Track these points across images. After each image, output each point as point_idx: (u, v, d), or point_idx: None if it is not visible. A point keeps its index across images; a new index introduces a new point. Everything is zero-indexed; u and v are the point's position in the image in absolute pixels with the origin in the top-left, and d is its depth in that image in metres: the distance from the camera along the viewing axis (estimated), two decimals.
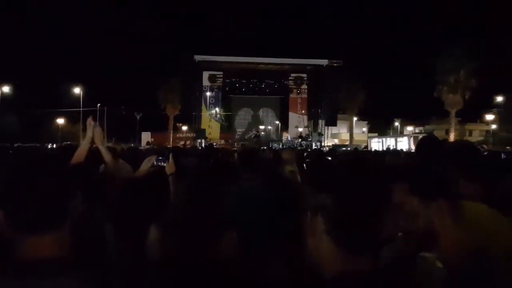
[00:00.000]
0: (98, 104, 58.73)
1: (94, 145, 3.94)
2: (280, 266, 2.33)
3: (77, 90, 56.30)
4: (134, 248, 2.55)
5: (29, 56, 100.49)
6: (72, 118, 59.46)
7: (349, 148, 30.36)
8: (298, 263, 2.16)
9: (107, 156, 3.77)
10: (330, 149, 16.65)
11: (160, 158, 3.65)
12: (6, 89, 51.27)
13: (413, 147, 37.25)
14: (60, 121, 56.51)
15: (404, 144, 40.50)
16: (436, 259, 1.65)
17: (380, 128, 63.49)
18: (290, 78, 48.37)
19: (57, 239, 1.21)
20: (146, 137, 49.18)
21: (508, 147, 27.11)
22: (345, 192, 1.22)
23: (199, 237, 2.33)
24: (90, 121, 3.83)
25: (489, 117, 54.45)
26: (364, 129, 62.45)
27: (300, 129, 48.08)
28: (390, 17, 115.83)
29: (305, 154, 11.17)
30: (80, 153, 3.69)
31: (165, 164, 3.51)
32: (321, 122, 48.04)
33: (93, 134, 3.81)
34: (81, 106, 56.42)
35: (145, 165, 3.57)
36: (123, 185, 2.88)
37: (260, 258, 2.43)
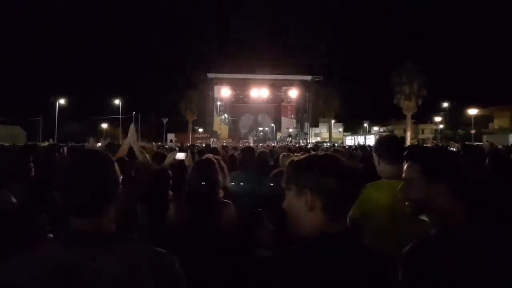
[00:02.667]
0: (133, 112, 58.64)
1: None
2: (271, 228, 2.34)
3: (117, 101, 56.29)
4: (157, 220, 2.58)
5: (81, 76, 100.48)
6: (113, 123, 59.47)
7: (329, 144, 30.19)
8: (285, 226, 2.18)
9: (139, 154, 3.75)
10: (315, 145, 16.58)
11: (180, 153, 3.64)
12: (62, 101, 51.31)
13: None
14: (104, 125, 56.44)
15: (371, 140, 40.49)
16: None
17: (353, 128, 63.34)
18: (281, 90, 48.31)
19: (98, 220, 1.19)
20: (170, 137, 49.16)
21: (452, 142, 27.04)
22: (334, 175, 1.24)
23: (205, 211, 2.38)
24: (132, 128, 3.82)
25: (437, 119, 54.35)
26: (340, 129, 62.13)
27: (290, 130, 48.04)
28: (358, 41, 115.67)
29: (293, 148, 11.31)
30: (123, 150, 3.70)
31: (184, 158, 3.51)
32: (306, 124, 47.98)
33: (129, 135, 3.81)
34: (120, 114, 56.40)
35: (169, 158, 3.58)
36: (152, 174, 2.91)
37: (255, 223, 2.45)
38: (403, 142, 2.51)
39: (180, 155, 3.54)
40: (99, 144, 8.83)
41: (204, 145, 9.43)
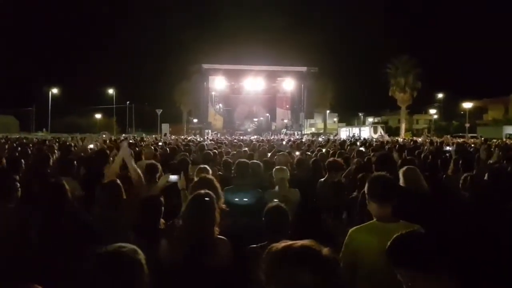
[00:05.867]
0: (127, 102, 58.32)
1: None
2: None
3: (111, 91, 55.88)
4: (149, 253, 2.49)
5: (75, 65, 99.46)
6: (107, 113, 59.14)
7: (324, 137, 30.07)
8: None
9: (135, 174, 3.60)
10: (310, 141, 16.34)
11: (173, 176, 3.49)
12: (55, 90, 50.84)
13: (373, 135, 37.27)
14: (98, 116, 56.03)
15: (366, 132, 40.45)
16: None
17: (348, 119, 63.44)
18: (276, 81, 48.00)
19: None
20: (165, 127, 48.75)
21: (447, 136, 27.11)
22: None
23: (200, 249, 2.30)
24: (124, 145, 3.69)
25: (432, 110, 54.67)
26: (335, 119, 62.21)
27: (285, 121, 48.00)
28: (354, 34, 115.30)
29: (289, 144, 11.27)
30: (113, 171, 3.58)
31: (177, 181, 3.39)
32: (301, 115, 47.90)
33: (122, 152, 3.68)
34: (114, 104, 56.04)
35: (162, 181, 3.47)
36: (142, 202, 2.82)
37: (251, 262, 2.38)
38: (390, 182, 2.47)
39: (173, 178, 3.41)
40: (91, 146, 8.71)
41: (198, 146, 9.30)
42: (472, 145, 12.64)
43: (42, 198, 3.10)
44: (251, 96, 49.57)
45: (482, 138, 13.33)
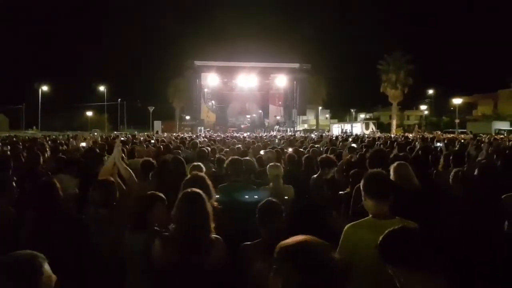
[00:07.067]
0: (119, 99, 57.90)
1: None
2: (260, 266, 2.28)
3: (102, 88, 55.38)
4: (144, 252, 2.49)
5: (66, 62, 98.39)
6: (98, 110, 58.66)
7: (316, 133, 30.16)
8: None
9: (125, 172, 3.57)
10: (302, 138, 16.33)
11: None
12: (45, 88, 50.26)
13: (365, 131, 37.44)
14: (89, 113, 55.49)
15: (358, 128, 40.64)
16: None
17: (340, 115, 63.59)
18: (269, 78, 47.99)
19: None
20: (157, 125, 48.50)
21: (438, 132, 27.32)
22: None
23: (194, 249, 2.29)
24: (118, 142, 3.64)
25: (423, 106, 55.01)
26: (327, 115, 62.36)
27: (278, 117, 48.06)
28: (347, 32, 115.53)
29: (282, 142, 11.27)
30: (106, 170, 3.54)
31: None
32: (294, 112, 48.01)
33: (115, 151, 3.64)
34: (105, 101, 55.57)
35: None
36: (136, 201, 2.80)
37: (243, 260, 2.38)
38: (387, 180, 2.48)
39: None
40: (83, 144, 8.64)
41: (190, 143, 9.26)
42: (462, 140, 12.76)
43: (33, 197, 3.07)
44: (244, 93, 49.51)
45: (472, 134, 13.43)
